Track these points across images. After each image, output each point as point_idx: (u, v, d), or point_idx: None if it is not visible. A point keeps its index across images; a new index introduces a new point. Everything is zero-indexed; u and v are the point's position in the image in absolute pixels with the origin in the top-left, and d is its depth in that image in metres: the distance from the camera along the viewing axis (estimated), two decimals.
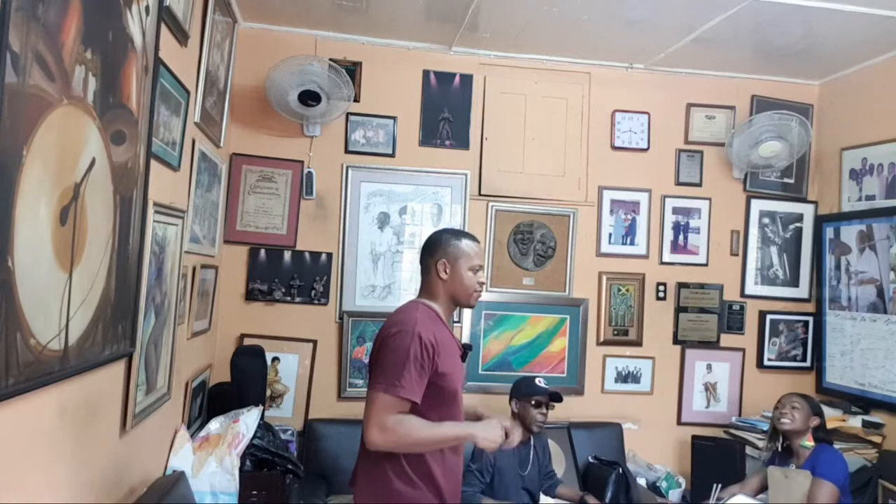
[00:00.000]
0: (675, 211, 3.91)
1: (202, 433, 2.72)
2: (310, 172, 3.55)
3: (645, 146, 3.88)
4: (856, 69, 3.72)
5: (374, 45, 3.64)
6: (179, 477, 2.35)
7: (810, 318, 3.93)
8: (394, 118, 3.65)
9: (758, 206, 3.95)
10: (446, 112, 3.71)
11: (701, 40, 3.39)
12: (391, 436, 1.84)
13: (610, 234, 3.85)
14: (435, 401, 1.94)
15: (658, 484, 3.54)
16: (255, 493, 2.66)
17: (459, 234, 2.14)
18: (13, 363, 1.20)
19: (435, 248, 2.08)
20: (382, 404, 1.86)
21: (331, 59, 3.41)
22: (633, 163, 3.88)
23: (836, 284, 3.75)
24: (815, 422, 2.89)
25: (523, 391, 3.02)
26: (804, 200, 3.99)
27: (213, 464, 2.52)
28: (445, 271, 2.04)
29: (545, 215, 3.78)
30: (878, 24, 3.10)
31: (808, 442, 2.89)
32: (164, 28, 2.05)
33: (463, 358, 2.11)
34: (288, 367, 3.51)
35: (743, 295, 3.93)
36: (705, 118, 3.94)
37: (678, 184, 3.91)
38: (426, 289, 2.10)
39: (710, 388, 3.89)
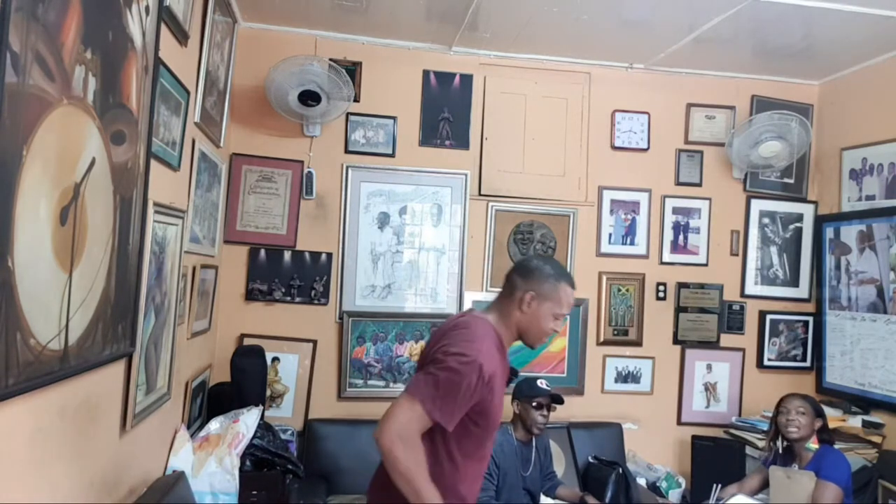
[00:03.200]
0: (675, 211, 3.91)
1: (202, 433, 2.72)
2: (310, 172, 3.55)
3: (645, 146, 3.88)
4: (856, 69, 3.72)
5: (374, 45, 3.64)
6: (179, 477, 2.35)
7: (810, 318, 3.93)
8: (394, 118, 3.65)
9: (758, 206, 3.95)
10: (446, 112, 3.71)
11: (701, 40, 3.39)
12: (398, 450, 1.64)
13: (610, 234, 3.85)
14: (476, 434, 1.80)
15: (658, 484, 3.54)
16: (255, 493, 2.66)
17: (563, 274, 1.93)
18: (13, 363, 1.20)
19: (531, 276, 1.89)
20: (414, 416, 1.67)
21: (331, 59, 3.41)
22: (633, 163, 3.88)
23: (836, 284, 3.75)
24: (818, 424, 2.88)
25: (525, 392, 3.02)
26: (804, 200, 3.99)
27: (213, 464, 2.52)
28: (529, 305, 1.87)
29: (545, 215, 3.78)
30: (878, 24, 3.10)
31: (813, 444, 2.88)
32: (164, 28, 2.05)
33: (507, 382, 1.95)
34: (288, 367, 3.51)
35: (743, 295, 3.93)
36: (705, 118, 3.94)
37: (678, 184, 3.91)
38: (501, 309, 1.92)
39: (710, 388, 3.89)
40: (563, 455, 3.45)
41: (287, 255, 3.54)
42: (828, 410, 3.46)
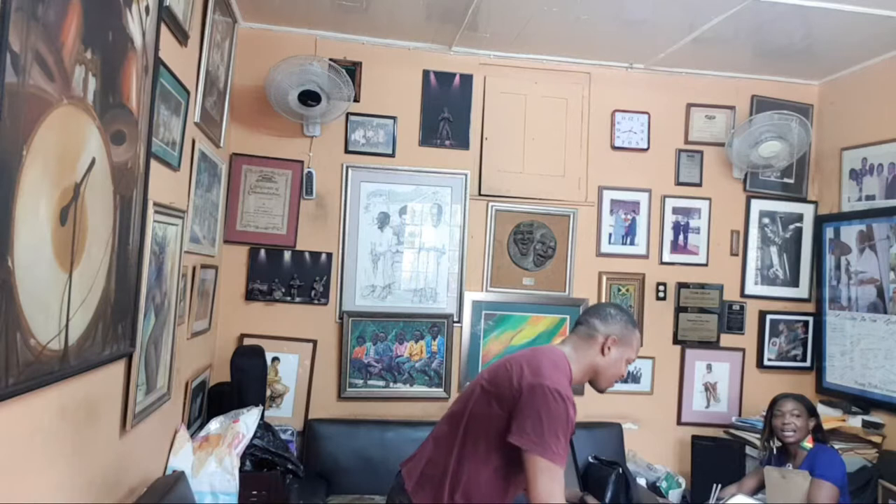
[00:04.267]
0: (675, 211, 3.91)
1: (202, 433, 2.72)
2: (310, 172, 3.55)
3: (645, 146, 3.88)
4: (856, 69, 3.72)
5: (374, 45, 3.64)
6: (179, 477, 2.35)
7: (810, 318, 3.93)
8: (394, 118, 3.65)
9: (758, 206, 3.95)
10: (446, 112, 3.71)
11: (701, 40, 3.39)
12: None
13: (610, 234, 3.85)
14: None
15: (658, 484, 3.54)
16: (255, 493, 2.65)
17: (635, 323, 2.06)
18: (13, 363, 1.20)
19: (613, 323, 1.98)
20: (555, 476, 1.70)
21: (331, 59, 3.41)
22: (633, 163, 3.88)
23: (836, 284, 3.75)
24: (812, 423, 2.89)
25: None
26: (804, 200, 3.99)
27: (213, 464, 2.52)
28: (609, 349, 1.96)
29: (545, 215, 3.78)
30: (878, 24, 3.10)
31: (808, 444, 2.89)
32: (164, 28, 2.05)
33: None
34: (288, 367, 3.51)
35: (743, 295, 3.93)
36: (705, 118, 3.94)
37: (678, 184, 3.91)
38: (577, 349, 1.97)
39: (710, 388, 3.89)
40: None
41: (287, 255, 3.54)
42: (828, 410, 3.48)
